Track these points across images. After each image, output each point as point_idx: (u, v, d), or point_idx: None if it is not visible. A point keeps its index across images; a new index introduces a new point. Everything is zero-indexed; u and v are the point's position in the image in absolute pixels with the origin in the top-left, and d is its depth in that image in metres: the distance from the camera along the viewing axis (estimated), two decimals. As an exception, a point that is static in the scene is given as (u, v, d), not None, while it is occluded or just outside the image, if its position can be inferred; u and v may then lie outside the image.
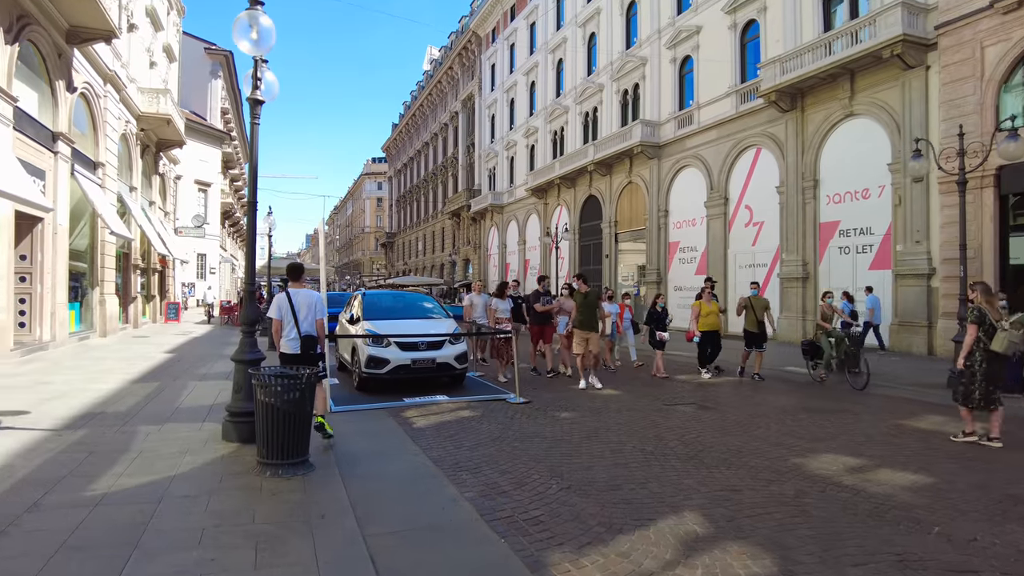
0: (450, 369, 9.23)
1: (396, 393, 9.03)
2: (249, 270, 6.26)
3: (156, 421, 6.89)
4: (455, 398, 8.67)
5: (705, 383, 10.75)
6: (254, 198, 6.31)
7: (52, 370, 10.82)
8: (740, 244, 22.32)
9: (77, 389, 8.81)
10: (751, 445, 6.38)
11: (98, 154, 17.79)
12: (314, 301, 6.19)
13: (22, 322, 13.93)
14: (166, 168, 27.93)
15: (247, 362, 6.12)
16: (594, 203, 31.41)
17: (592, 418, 7.65)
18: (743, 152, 22.15)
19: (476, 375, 10.82)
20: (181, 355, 13.89)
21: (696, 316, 11.55)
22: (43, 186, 14.02)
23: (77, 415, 7.10)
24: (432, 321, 10.14)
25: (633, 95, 28.66)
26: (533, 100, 38.55)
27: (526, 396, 8.82)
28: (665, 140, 25.85)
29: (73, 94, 15.48)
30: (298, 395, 5.12)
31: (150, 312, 24.76)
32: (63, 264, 15.03)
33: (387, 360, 8.81)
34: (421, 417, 7.63)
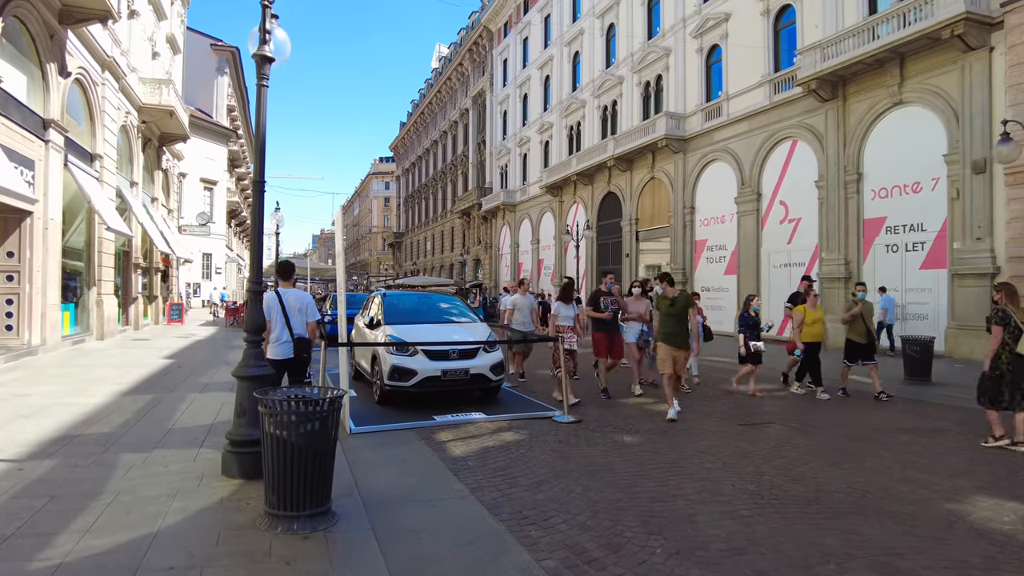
0: (484, 381, 8.03)
1: (423, 409, 7.84)
2: (255, 264, 5.08)
3: (143, 447, 5.72)
4: (493, 416, 7.46)
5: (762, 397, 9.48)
6: (261, 176, 5.13)
7: (35, 379, 9.67)
8: (774, 242, 21.04)
9: (57, 404, 7.65)
10: (875, 481, 5.15)
11: (95, 146, 16.68)
12: (306, 303, 5.81)
13: (9, 324, 12.84)
14: (169, 164, 26.85)
15: (251, 379, 4.94)
16: (613, 200, 30.16)
17: (664, 443, 6.42)
18: (777, 145, 20.87)
19: (508, 386, 9.60)
20: (181, 361, 12.75)
21: (800, 325, 9.53)
22: (32, 177, 12.91)
23: (49, 439, 5.94)
24: (462, 326, 8.96)
25: (656, 87, 27.42)
26: (548, 95, 37.33)
27: (573, 413, 7.61)
28: (691, 133, 24.60)
29: (67, 79, 14.36)
30: (318, 426, 3.93)
31: (152, 313, 23.67)
32: (55, 262, 13.91)
33: (414, 371, 7.62)
34: (458, 441, 6.42)
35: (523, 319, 10.17)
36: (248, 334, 5.01)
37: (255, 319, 5.00)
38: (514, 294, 11.10)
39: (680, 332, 7.54)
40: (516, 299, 10.59)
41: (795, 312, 9.72)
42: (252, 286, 5.06)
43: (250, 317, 4.99)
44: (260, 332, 5.05)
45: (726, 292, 22.90)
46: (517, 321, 10.15)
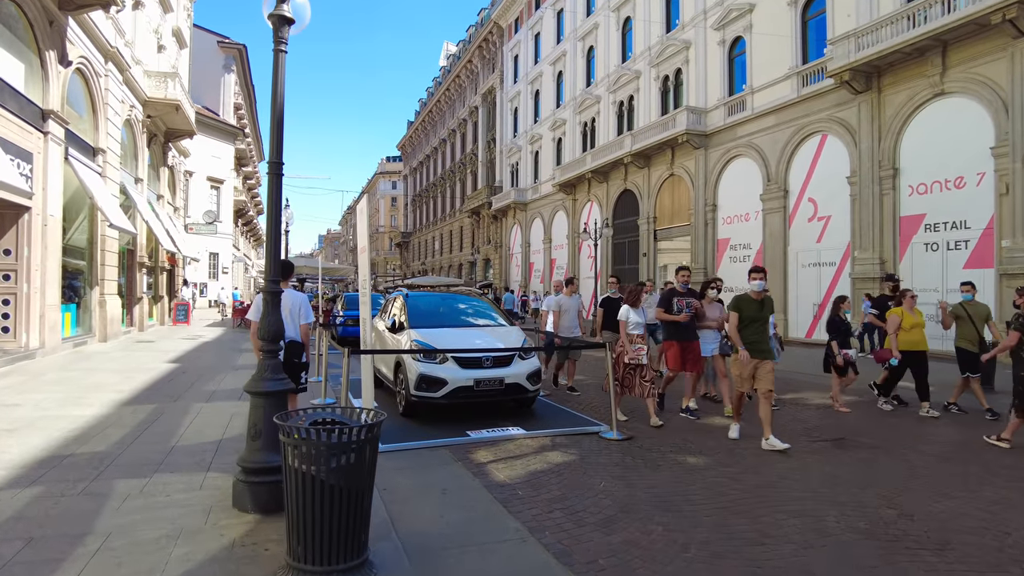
0: (521, 391, 7.24)
1: (453, 422, 7.06)
2: (272, 259, 4.32)
3: (142, 471, 4.96)
4: (533, 432, 6.66)
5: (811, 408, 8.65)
6: (278, 157, 4.36)
7: (29, 386, 8.94)
8: (802, 241, 20.19)
9: (49, 416, 6.91)
10: (1008, 520, 4.34)
11: (98, 139, 15.98)
12: (299, 303, 5.64)
13: (5, 327, 12.14)
14: (176, 160, 26.17)
15: (268, 396, 4.18)
16: (629, 198, 29.34)
17: (736, 466, 5.61)
18: (806, 139, 20.03)
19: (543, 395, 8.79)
20: (187, 365, 12.02)
21: (896, 330, 8.28)
22: (29, 170, 12.20)
23: (35, 460, 5.19)
24: (494, 330, 8.16)
25: (675, 81, 26.59)
26: (560, 91, 36.53)
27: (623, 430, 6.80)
28: (713, 128, 23.77)
29: (67, 68, 13.66)
30: (353, 459, 3.17)
31: (157, 314, 22.99)
32: (55, 260, 13.21)
33: (443, 380, 6.84)
34: (499, 463, 5.64)
35: (570, 323, 9.28)
36: (264, 342, 4.25)
37: (272, 325, 4.23)
38: (558, 294, 9.95)
39: (764, 340, 6.52)
40: (562, 300, 9.52)
41: (891, 316, 8.50)
42: (269, 285, 4.29)
43: (266, 322, 4.23)
44: (278, 340, 4.29)
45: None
46: (563, 326, 9.26)
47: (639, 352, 6.93)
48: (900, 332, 8.20)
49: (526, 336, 7.92)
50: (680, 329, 7.63)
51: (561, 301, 9.55)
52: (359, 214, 6.38)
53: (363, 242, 6.05)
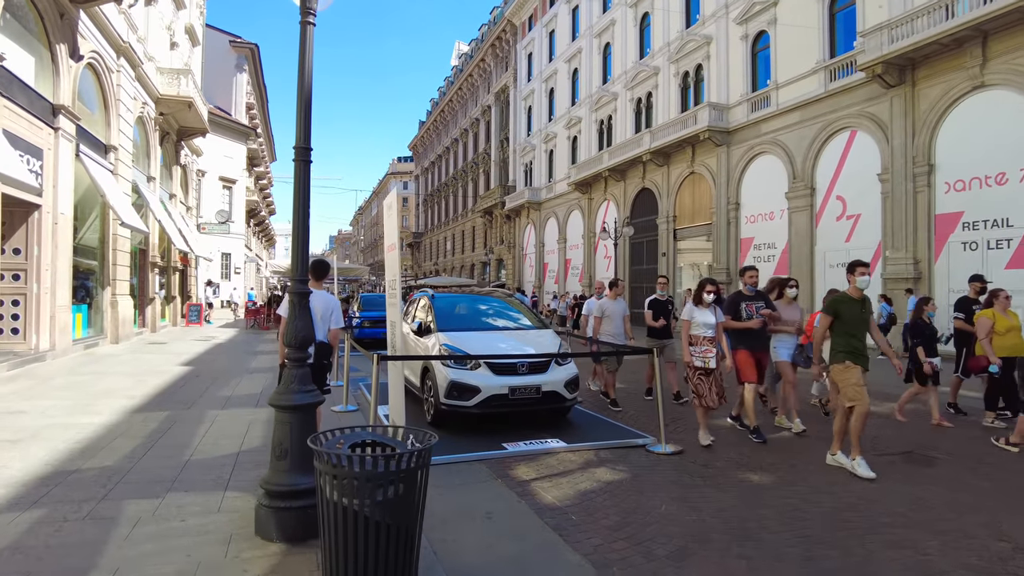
0: (558, 400, 6.73)
1: (487, 433, 6.56)
2: (299, 256, 3.83)
3: (153, 489, 4.50)
4: (575, 445, 6.13)
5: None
6: (306, 142, 3.89)
7: (36, 391, 8.53)
8: (830, 240, 19.56)
9: (55, 424, 6.48)
10: None
11: (110, 136, 15.63)
12: (331, 307, 5.41)
13: (15, 328, 11.78)
14: (188, 159, 25.87)
15: (296, 411, 3.70)
16: (648, 197, 28.75)
17: (805, 485, 5.07)
18: (834, 136, 19.40)
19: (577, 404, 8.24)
20: (200, 368, 11.60)
21: (989, 334, 7.23)
22: (39, 167, 11.84)
23: (37, 476, 4.74)
24: (526, 333, 7.63)
25: (695, 77, 25.99)
26: (576, 88, 35.98)
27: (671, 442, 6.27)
28: (736, 125, 23.16)
29: (78, 63, 13.30)
30: (402, 490, 2.68)
31: (170, 314, 22.67)
32: (65, 260, 12.85)
33: (476, 388, 6.35)
34: (544, 481, 5.13)
35: (615, 329, 8.45)
36: (291, 349, 3.76)
37: (300, 330, 3.75)
38: (601, 297, 9.12)
39: (866, 346, 5.67)
40: (605, 304, 8.62)
41: (980, 319, 7.46)
42: (296, 286, 3.81)
43: (294, 327, 3.75)
44: (306, 347, 3.80)
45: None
46: (607, 332, 8.47)
47: (706, 354, 6.20)
48: (994, 337, 7.26)
49: (562, 340, 7.38)
50: (751, 337, 6.65)
51: (604, 305, 8.65)
52: (387, 209, 5.90)
53: (392, 239, 5.56)
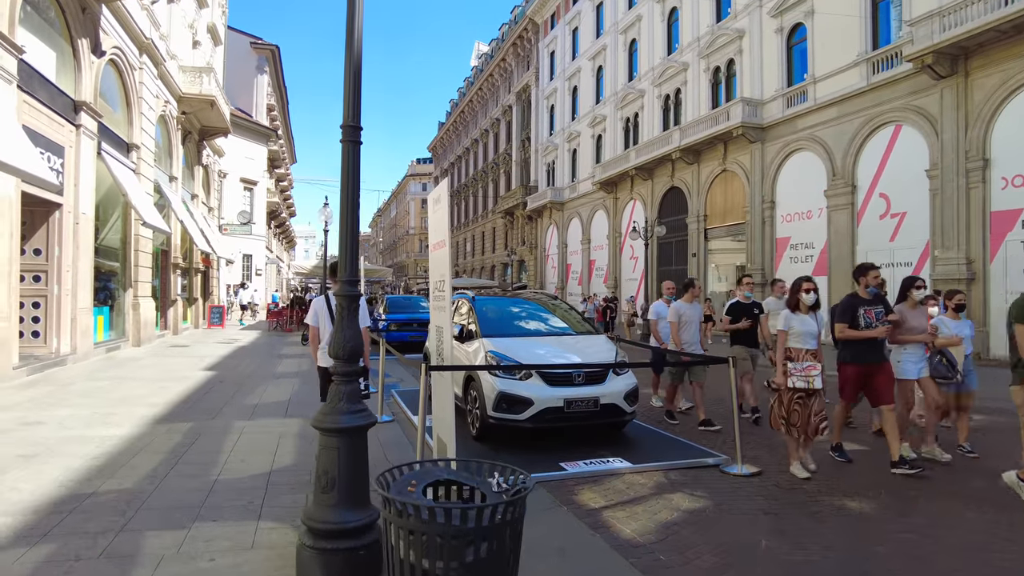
0: (617, 413, 6.11)
1: (540, 450, 5.97)
2: (348, 252, 3.28)
3: (177, 518, 3.98)
4: (640, 465, 5.50)
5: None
6: (355, 120, 3.33)
7: (55, 399, 8.10)
8: (873, 239, 18.71)
9: (72, 437, 6.00)
10: None
11: (132, 135, 15.29)
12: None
13: (36, 331, 11.41)
14: (210, 160, 25.62)
15: (344, 434, 3.14)
16: (677, 195, 27.98)
17: (917, 516, 4.40)
18: (876, 131, 18.55)
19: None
20: (223, 373, 11.14)
21: None
22: (60, 164, 11.47)
23: (50, 500, 4.24)
24: (577, 339, 7.01)
25: (727, 72, 25.22)
26: (600, 86, 35.29)
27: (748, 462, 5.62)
28: (770, 121, 22.36)
29: (100, 59, 12.95)
30: (494, 547, 2.09)
31: (192, 316, 22.37)
32: (87, 261, 12.49)
33: (528, 400, 5.75)
34: (615, 508, 4.53)
35: (692, 337, 7.51)
36: (339, 362, 3.20)
37: (350, 339, 3.19)
38: (672, 300, 8.09)
39: None
40: (682, 308, 7.61)
41: None
42: (345, 288, 3.25)
43: (343, 336, 3.19)
44: (357, 358, 3.24)
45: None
46: (684, 340, 7.49)
47: (809, 371, 5.19)
48: None
49: (618, 348, 6.74)
50: (868, 348, 5.62)
51: (681, 310, 7.61)
52: (433, 204, 5.34)
53: (440, 235, 5.00)
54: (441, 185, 5.10)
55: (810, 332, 5.36)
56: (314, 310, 5.42)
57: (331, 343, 3.25)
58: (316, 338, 5.39)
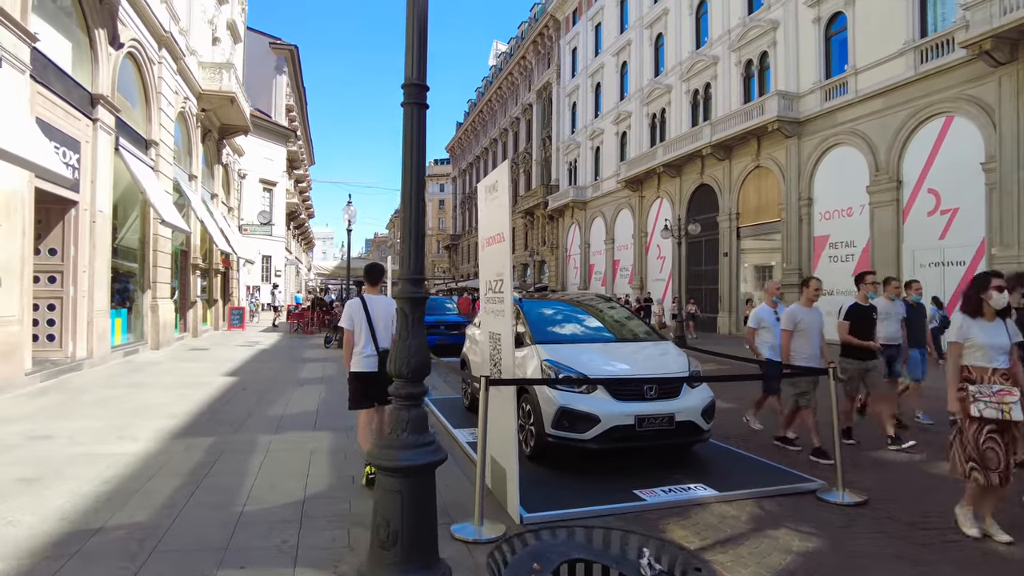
0: (694, 432, 5.33)
1: (606, 473, 5.24)
2: (412, 242, 2.59)
3: (198, 564, 3.34)
4: (727, 492, 4.76)
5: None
6: (421, 78, 2.64)
7: (67, 408, 7.53)
8: (921, 237, 17.75)
9: (81, 455, 5.39)
10: None
11: (151, 131, 14.81)
12: (393, 311, 4.95)
13: (51, 334, 10.90)
14: (230, 159, 25.20)
15: (408, 474, 2.46)
16: (707, 193, 27.09)
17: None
18: (925, 123, 17.60)
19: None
20: (246, 379, 10.56)
21: None
22: (76, 160, 10.96)
23: (49, 539, 3.61)
24: (644, 346, 6.20)
25: (759, 65, 24.33)
26: (625, 82, 34.47)
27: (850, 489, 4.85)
28: (807, 114, 21.44)
29: (118, 51, 12.45)
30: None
31: (212, 318, 21.92)
32: (104, 261, 11.98)
33: (594, 417, 5.03)
34: (717, 551, 3.79)
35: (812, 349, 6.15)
36: (402, 381, 2.53)
37: (416, 353, 2.51)
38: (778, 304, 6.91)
39: None
40: (798, 313, 6.20)
41: None
42: (407, 288, 2.56)
43: (407, 349, 2.51)
44: (423, 377, 2.55)
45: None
46: (799, 352, 6.14)
47: (1002, 396, 3.81)
48: None
49: (687, 356, 5.96)
50: None
51: (796, 315, 6.17)
52: (486, 192, 4.67)
53: (499, 227, 4.31)
54: (500, 169, 4.41)
55: (999, 345, 4.00)
56: (349, 313, 4.98)
57: (392, 358, 2.57)
58: (351, 342, 4.95)
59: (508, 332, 4.20)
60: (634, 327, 6.71)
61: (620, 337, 6.37)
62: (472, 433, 6.45)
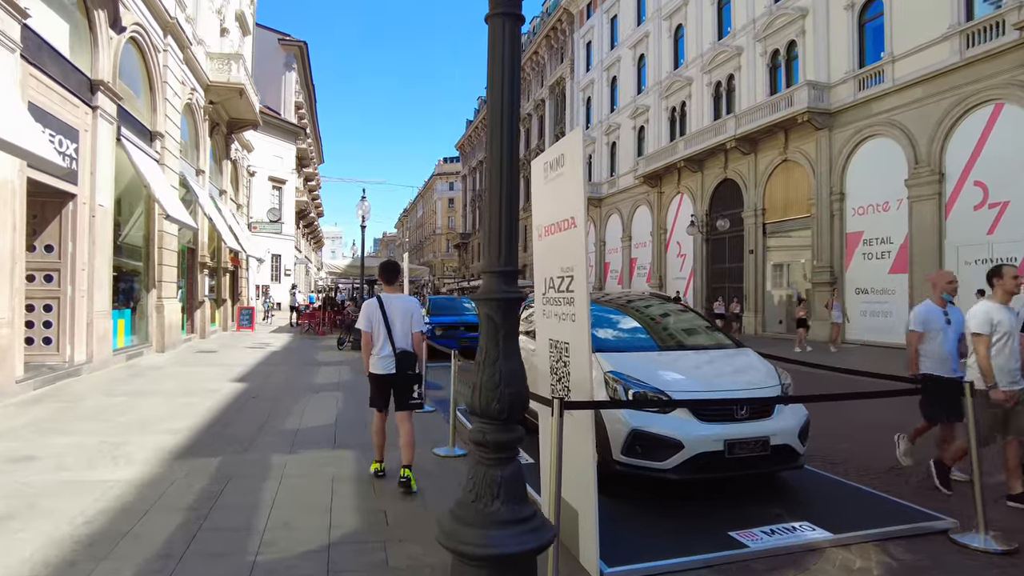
0: (789, 458, 4.44)
1: (691, 508, 4.40)
2: (505, 219, 1.76)
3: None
4: (841, 534, 3.89)
5: None
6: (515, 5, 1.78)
7: (59, 421, 6.75)
8: (965, 232, 16.78)
9: (68, 482, 4.61)
10: None
11: (155, 122, 14.06)
12: (411, 310, 4.93)
13: (48, 337, 10.16)
14: (238, 154, 24.47)
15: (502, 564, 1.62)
16: (730, 188, 26.13)
17: None
18: (971, 111, 16.62)
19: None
20: (256, 385, 9.78)
21: None
22: (74, 150, 10.21)
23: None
24: (721, 355, 5.27)
25: (787, 55, 23.35)
26: (642, 75, 33.54)
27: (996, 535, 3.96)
28: (839, 105, 20.47)
29: (120, 35, 11.69)
30: None
31: (220, 319, 21.20)
32: (105, 258, 11.23)
33: (676, 443, 4.16)
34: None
35: (1014, 363, 4.56)
36: (489, 423, 1.69)
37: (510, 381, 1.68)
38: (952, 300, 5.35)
39: None
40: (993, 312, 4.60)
41: None
42: (498, 287, 1.73)
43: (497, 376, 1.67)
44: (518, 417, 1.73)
45: (891, 295, 18.72)
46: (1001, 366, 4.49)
47: None
48: None
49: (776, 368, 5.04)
50: None
51: (992, 314, 4.58)
52: (542, 171, 3.85)
53: (571, 210, 3.49)
54: (568, 138, 3.58)
55: None
56: (366, 314, 4.86)
57: (475, 388, 1.74)
58: (369, 344, 4.89)
59: (583, 341, 3.37)
60: (705, 332, 5.80)
61: (691, 344, 5.49)
62: (515, 453, 5.63)
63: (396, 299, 4.93)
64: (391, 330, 4.78)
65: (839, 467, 5.61)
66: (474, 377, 1.71)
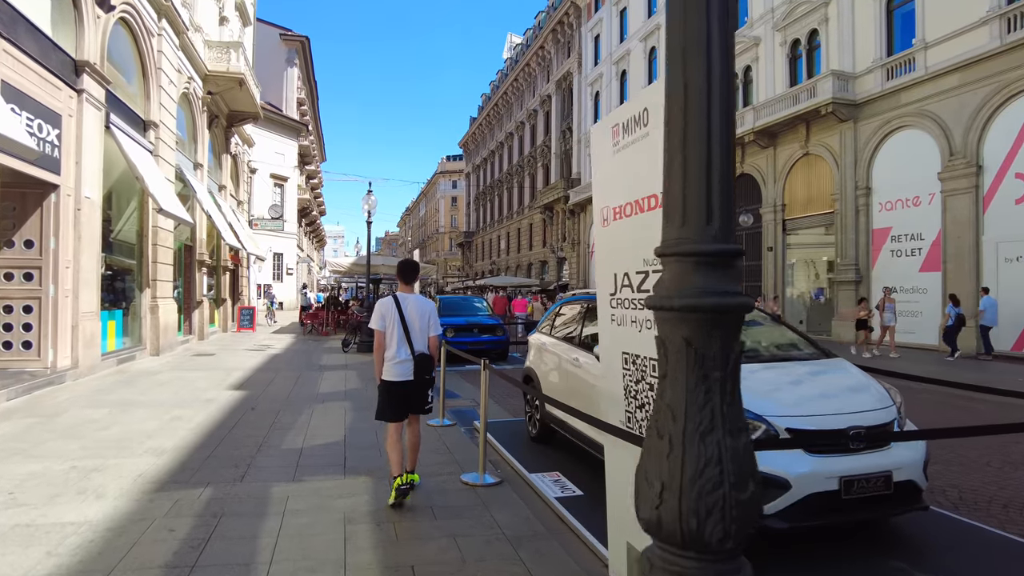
0: (912, 498, 3.53)
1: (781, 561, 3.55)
2: (722, 169, 0.89)
3: None
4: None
5: None
6: None
7: (27, 440, 5.89)
8: (1006, 228, 15.86)
9: (15, 529, 3.74)
10: None
11: (149, 111, 13.20)
12: (427, 312, 4.58)
13: (27, 341, 9.32)
14: (239, 149, 23.62)
15: None
16: (747, 183, 25.20)
17: None
18: (1011, 100, 15.69)
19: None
20: (255, 393, 8.92)
21: None
22: (56, 136, 9.34)
23: None
24: (818, 367, 4.35)
25: (808, 45, 22.43)
26: (653, 67, 32.61)
27: None
28: (865, 96, 19.54)
29: (108, 14, 10.84)
30: None
31: (219, 319, 20.35)
32: (91, 255, 10.36)
33: (783, 482, 3.25)
34: None
35: None
36: (704, 558, 0.78)
37: (740, 484, 0.76)
38: None
39: None
40: None
41: None
42: (711, 290, 0.84)
43: (703, 464, 0.75)
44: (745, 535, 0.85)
45: (923, 294, 17.79)
46: None
47: None
48: None
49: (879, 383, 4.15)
50: None
51: None
52: (604, 136, 2.99)
53: (652, 186, 2.59)
54: (654, 87, 2.70)
55: None
56: (381, 313, 4.48)
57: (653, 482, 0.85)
58: (381, 346, 4.48)
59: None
60: (788, 339, 4.88)
61: (779, 355, 4.56)
62: (557, 483, 4.78)
63: (413, 299, 4.62)
64: (409, 332, 4.45)
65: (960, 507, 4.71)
66: (646, 461, 0.87)
